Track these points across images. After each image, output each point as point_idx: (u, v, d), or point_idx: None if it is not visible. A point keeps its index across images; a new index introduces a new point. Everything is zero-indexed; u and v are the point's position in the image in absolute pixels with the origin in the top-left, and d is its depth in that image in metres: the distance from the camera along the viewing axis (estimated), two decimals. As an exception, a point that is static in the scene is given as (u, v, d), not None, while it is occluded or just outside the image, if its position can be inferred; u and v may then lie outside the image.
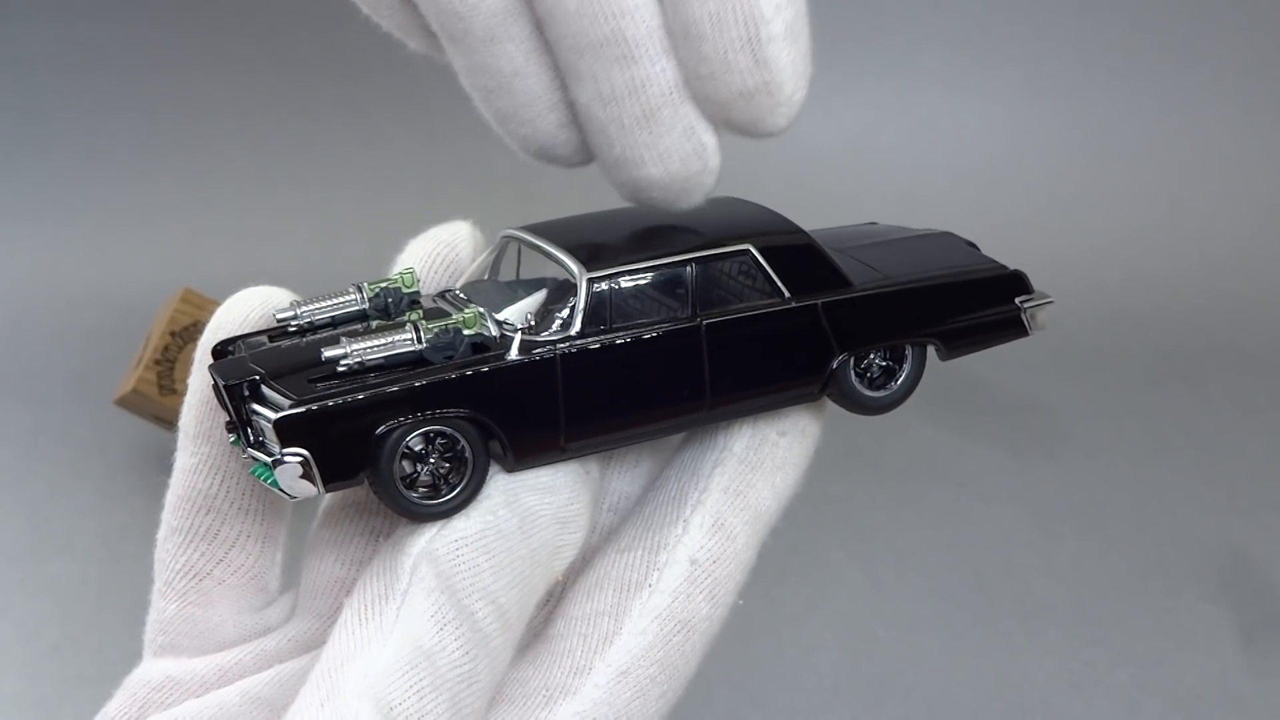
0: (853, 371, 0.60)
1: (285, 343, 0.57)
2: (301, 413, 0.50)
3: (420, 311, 0.58)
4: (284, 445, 0.50)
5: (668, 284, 0.57)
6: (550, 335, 0.55)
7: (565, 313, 0.55)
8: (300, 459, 0.50)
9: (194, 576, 0.58)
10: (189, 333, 1.41)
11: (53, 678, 1.19)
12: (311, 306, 0.58)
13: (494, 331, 0.55)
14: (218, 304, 0.59)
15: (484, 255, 0.62)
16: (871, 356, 0.61)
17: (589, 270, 0.56)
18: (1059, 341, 1.82)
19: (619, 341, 0.55)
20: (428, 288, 0.62)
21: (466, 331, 0.54)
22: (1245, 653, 1.23)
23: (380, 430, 0.51)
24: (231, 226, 1.97)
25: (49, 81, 2.06)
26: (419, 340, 0.53)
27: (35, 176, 2.05)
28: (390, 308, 0.58)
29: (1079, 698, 1.17)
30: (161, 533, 0.59)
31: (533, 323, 0.56)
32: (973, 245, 0.69)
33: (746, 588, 0.57)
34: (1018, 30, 2.09)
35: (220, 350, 0.58)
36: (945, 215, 1.94)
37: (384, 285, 0.59)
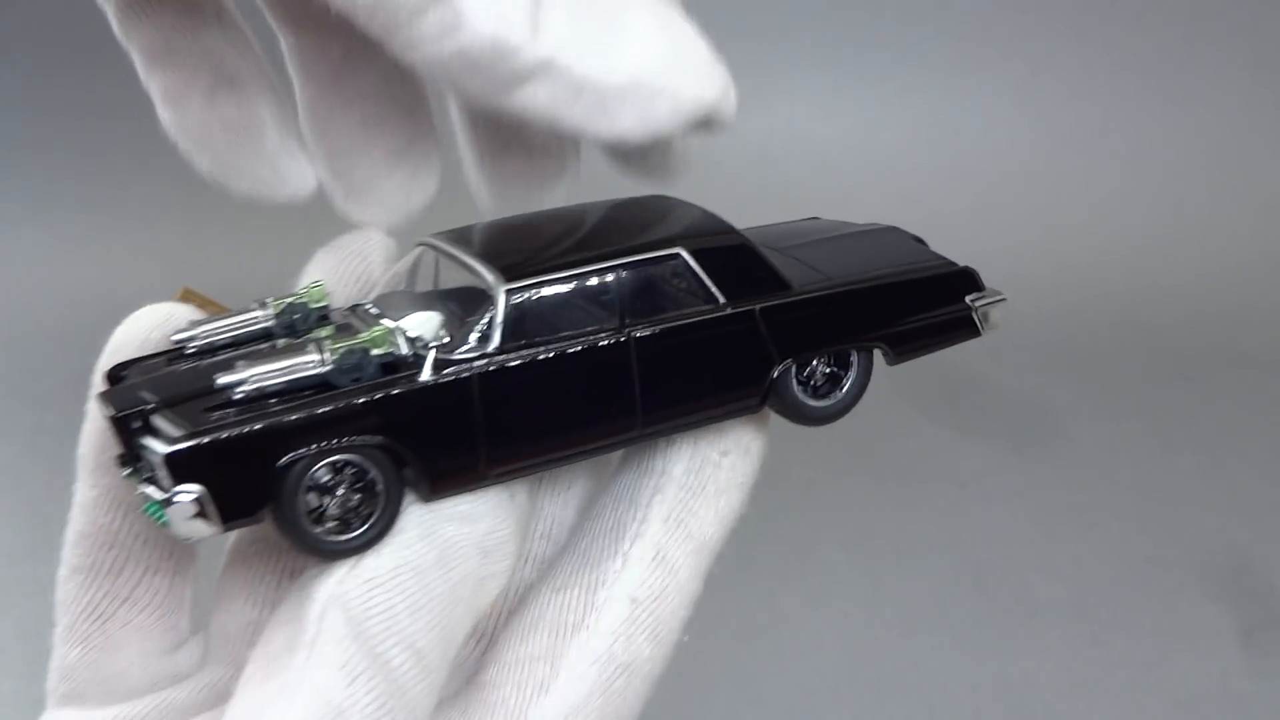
0: (795, 380, 0.57)
1: (183, 367, 0.53)
2: (193, 446, 0.46)
3: (330, 329, 0.54)
4: (176, 482, 0.46)
5: (593, 292, 0.53)
6: (466, 352, 0.50)
7: (483, 327, 0.51)
8: (194, 496, 0.46)
9: (97, 618, 0.54)
10: (189, 333, 1.41)
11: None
12: (210, 326, 0.54)
13: (406, 350, 0.51)
14: (217, 304, 0.59)
15: (398, 264, 0.58)
16: (815, 363, 0.58)
17: (507, 280, 0.51)
18: (1060, 342, 1.82)
19: (541, 357, 0.51)
20: (339, 301, 0.57)
21: (375, 351, 0.50)
22: (1245, 653, 1.23)
23: (282, 462, 0.47)
24: (231, 227, 1.97)
25: (49, 82, 2.06)
26: (323, 362, 0.49)
27: (35, 177, 2.05)
28: (297, 325, 0.54)
29: (1079, 698, 1.18)
30: (62, 572, 0.54)
31: (446, 339, 0.51)
32: (920, 240, 0.66)
33: (692, 622, 0.54)
34: (1018, 31, 2.09)
35: (115, 375, 0.53)
36: (946, 215, 1.94)
37: (290, 301, 0.55)
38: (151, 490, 0.47)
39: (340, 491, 0.49)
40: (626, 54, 0.46)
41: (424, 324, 0.52)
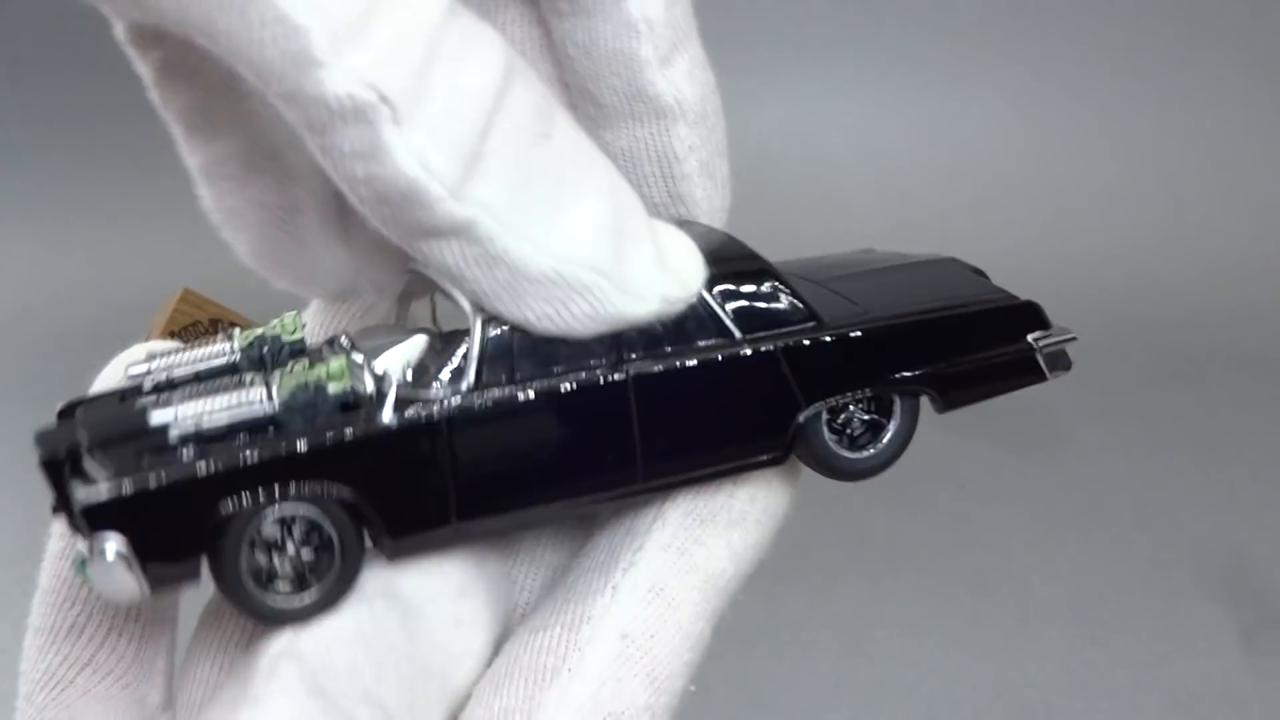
0: (826, 428, 0.50)
1: (134, 403, 0.47)
2: (115, 495, 0.40)
3: (304, 363, 0.48)
4: (96, 534, 0.40)
5: None
6: (435, 391, 0.44)
7: (456, 361, 0.44)
8: (115, 551, 0.40)
9: (55, 685, 0.47)
10: (189, 333, 1.41)
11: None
12: (169, 360, 0.48)
13: (369, 387, 0.44)
14: (217, 304, 0.56)
15: (389, 295, 0.52)
16: (851, 409, 0.51)
17: (483, 311, 0.44)
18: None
19: (521, 398, 0.44)
20: (336, 331, 0.52)
21: (332, 387, 0.43)
22: (1245, 653, 1.23)
23: (222, 514, 0.41)
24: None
25: (49, 83, 2.06)
26: (270, 398, 0.43)
27: (35, 177, 2.04)
28: (266, 360, 0.48)
29: (1079, 698, 1.17)
30: (28, 635, 0.49)
31: (409, 375, 0.45)
32: (979, 273, 0.59)
33: (701, 670, 0.46)
34: (1017, 32, 2.08)
35: (64, 413, 0.48)
36: (944, 216, 1.94)
37: (258, 333, 0.49)
38: (80, 544, 0.41)
39: (289, 549, 0.43)
40: (559, 241, 0.41)
41: (396, 358, 0.46)
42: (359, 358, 0.45)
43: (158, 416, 0.43)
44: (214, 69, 0.45)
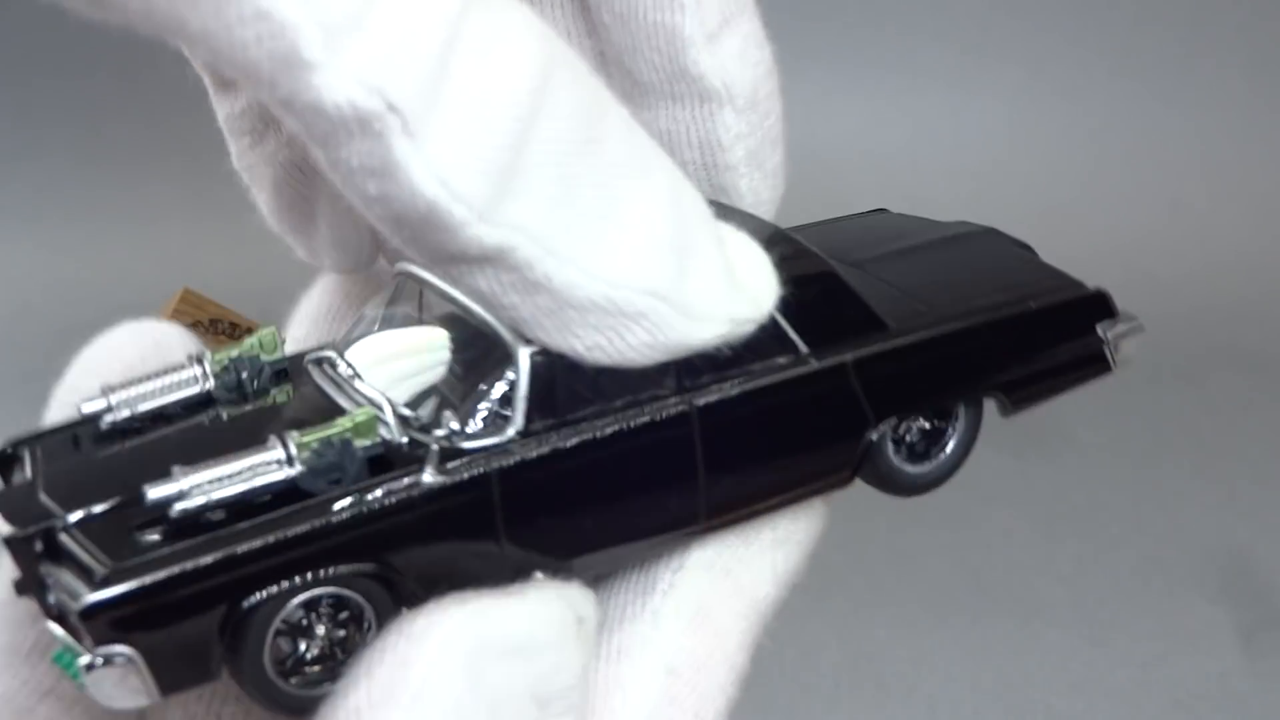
0: (891, 447, 0.45)
1: (97, 453, 0.40)
2: (123, 592, 0.33)
3: (287, 391, 0.42)
4: (100, 642, 0.33)
5: None
6: (480, 438, 0.38)
7: (495, 400, 0.38)
8: (125, 659, 0.34)
9: (13, 713, 0.40)
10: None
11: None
12: (131, 393, 0.41)
13: (398, 435, 0.38)
14: (217, 304, 0.51)
15: (375, 301, 0.46)
16: (912, 419, 0.46)
17: (529, 340, 0.38)
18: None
19: (576, 443, 0.38)
20: (314, 342, 0.46)
21: (359, 443, 0.37)
22: (1245, 653, 1.23)
23: (246, 605, 0.35)
24: (231, 226, 1.97)
25: (49, 84, 2.06)
26: (290, 460, 0.36)
27: (35, 177, 2.04)
28: (245, 386, 0.42)
29: (1079, 698, 1.17)
30: None
31: (454, 423, 0.38)
32: (1025, 247, 0.55)
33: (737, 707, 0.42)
34: (1018, 31, 2.08)
35: (6, 460, 0.41)
36: (945, 215, 1.94)
37: (233, 356, 0.42)
38: (60, 632, 0.35)
39: (320, 631, 0.37)
40: (610, 262, 0.36)
41: (419, 392, 0.40)
42: (378, 397, 0.39)
43: (156, 493, 0.35)
44: None
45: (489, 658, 0.34)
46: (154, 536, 0.36)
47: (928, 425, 0.47)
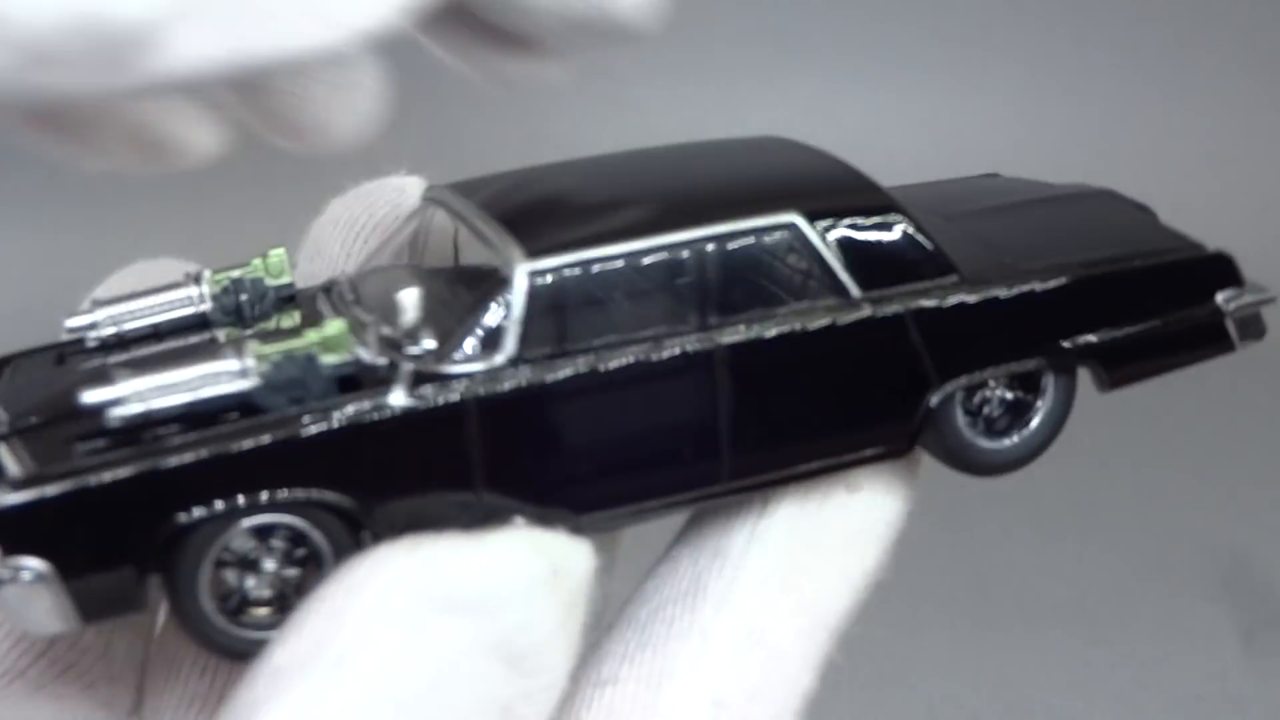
0: (960, 410, 0.40)
1: (72, 368, 0.37)
2: (34, 498, 0.30)
3: (294, 318, 0.38)
4: (11, 552, 0.30)
5: (661, 278, 0.35)
6: (463, 363, 0.33)
7: (488, 325, 0.34)
8: (34, 574, 0.30)
9: (2, 675, 0.36)
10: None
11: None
12: (122, 308, 0.38)
13: (374, 356, 0.34)
14: None
15: (401, 227, 0.41)
16: (990, 386, 0.40)
17: (529, 254, 0.34)
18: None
19: (574, 373, 0.34)
20: (341, 268, 0.41)
21: (327, 359, 0.33)
22: (1245, 653, 1.23)
23: (176, 524, 0.31)
24: (231, 225, 1.97)
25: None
26: (245, 371, 0.32)
27: (36, 176, 2.04)
28: (245, 309, 0.38)
29: (1079, 698, 1.17)
30: None
31: (430, 340, 0.33)
32: (1144, 209, 0.49)
33: None
34: (1017, 31, 2.08)
35: None
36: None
37: (234, 276, 0.38)
38: None
39: (268, 566, 0.33)
40: None
41: (412, 314, 0.34)
42: (366, 315, 0.35)
43: (92, 395, 0.32)
44: None
45: (437, 612, 0.30)
46: (90, 446, 0.32)
47: (1009, 396, 0.41)
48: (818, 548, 0.38)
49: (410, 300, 0.34)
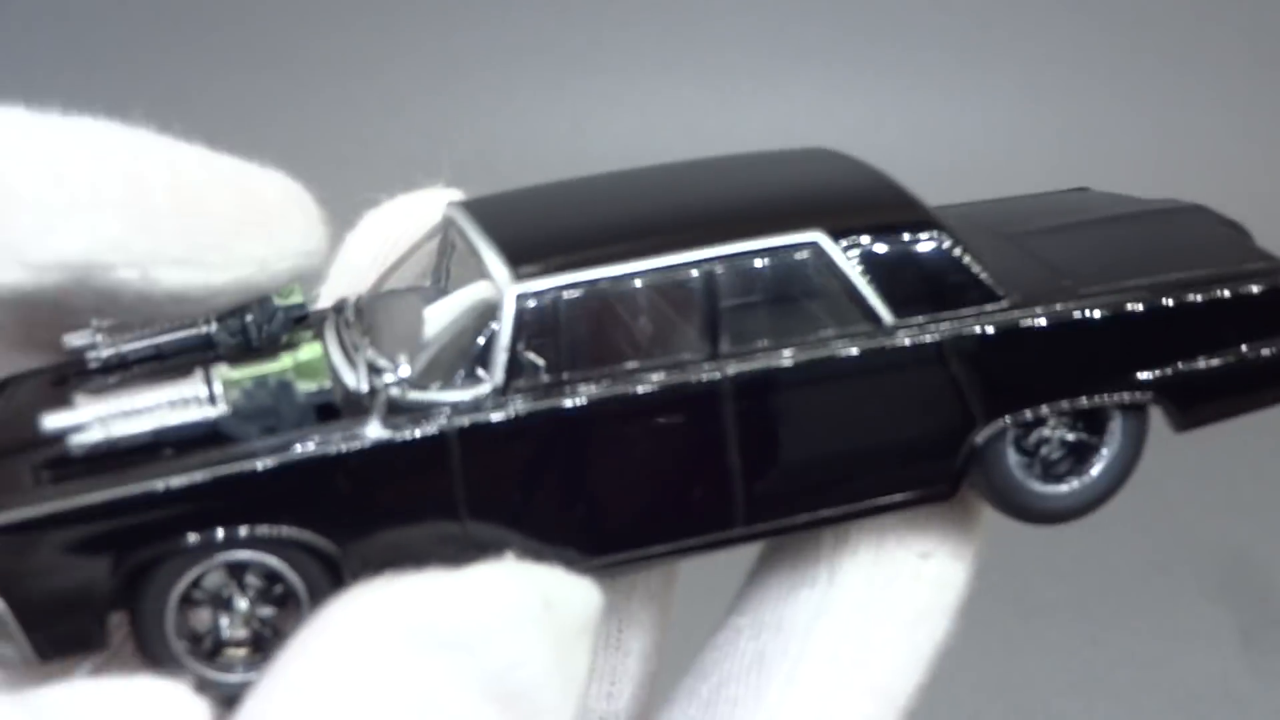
0: (1013, 450, 0.37)
1: (61, 390, 0.35)
2: None
3: (304, 340, 0.35)
4: None
5: (667, 302, 0.32)
6: (443, 391, 0.30)
7: (472, 349, 0.31)
8: None
9: None
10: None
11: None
12: (129, 332, 0.37)
13: (357, 383, 0.32)
14: None
15: (422, 243, 0.39)
16: (1048, 425, 0.37)
17: (518, 275, 0.31)
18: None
19: (568, 406, 0.31)
20: (370, 282, 0.38)
21: (303, 385, 0.31)
22: (1245, 653, 1.23)
23: (139, 561, 0.29)
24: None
25: (51, 83, 2.06)
26: (213, 398, 0.31)
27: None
28: (251, 331, 0.35)
29: (1079, 698, 1.17)
30: None
31: (409, 370, 0.31)
32: (1235, 226, 0.45)
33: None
34: (1017, 31, 2.08)
35: None
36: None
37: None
38: None
39: (240, 606, 0.31)
40: None
41: (408, 339, 0.32)
42: (360, 339, 0.33)
43: (53, 421, 0.30)
44: None
45: (421, 651, 0.28)
46: (48, 474, 0.30)
47: (1071, 437, 0.38)
48: (888, 622, 0.35)
49: (401, 324, 0.32)
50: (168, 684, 0.29)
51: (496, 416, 0.30)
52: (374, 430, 0.30)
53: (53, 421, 0.30)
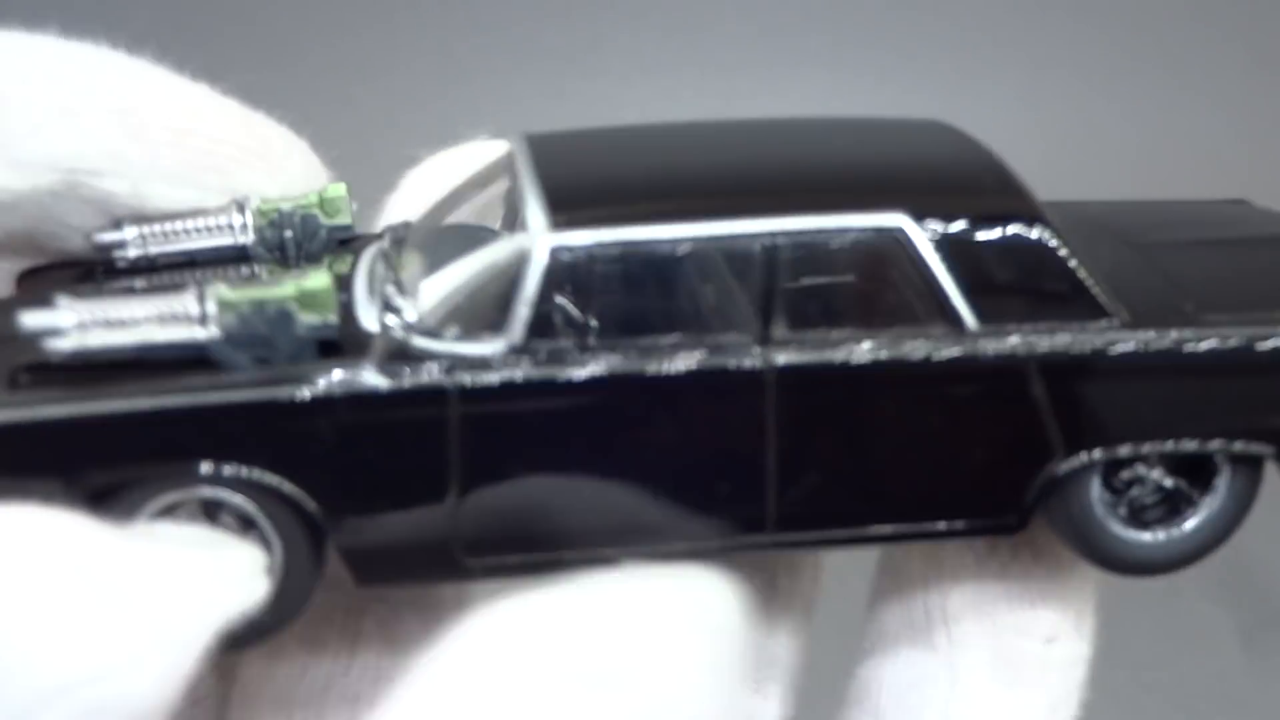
0: (1099, 487, 0.33)
1: (82, 289, 0.32)
2: None
3: (347, 263, 0.32)
4: None
5: (719, 274, 0.28)
6: (453, 341, 0.27)
7: (491, 298, 0.28)
8: None
9: None
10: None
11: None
12: (160, 228, 0.33)
13: (367, 322, 0.29)
14: None
15: (488, 174, 0.35)
16: (1142, 468, 0.34)
17: (555, 224, 0.28)
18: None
19: (587, 375, 0.27)
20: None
21: (306, 318, 0.27)
22: (1245, 653, 1.23)
23: (103, 485, 0.26)
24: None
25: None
26: (203, 318, 0.28)
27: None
28: (289, 247, 0.32)
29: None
30: None
31: (437, 313, 0.28)
32: None
33: None
34: (1018, 31, 2.08)
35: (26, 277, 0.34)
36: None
37: (285, 208, 0.33)
38: None
39: None
40: None
41: (439, 278, 0.28)
42: (387, 271, 0.29)
43: (32, 320, 0.28)
44: None
45: (576, 691, 0.23)
46: (20, 377, 0.28)
47: (1169, 483, 0.34)
48: (1018, 714, 0.32)
49: (437, 263, 0.29)
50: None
51: (504, 377, 0.27)
52: (367, 375, 0.27)
53: (30, 320, 0.28)
